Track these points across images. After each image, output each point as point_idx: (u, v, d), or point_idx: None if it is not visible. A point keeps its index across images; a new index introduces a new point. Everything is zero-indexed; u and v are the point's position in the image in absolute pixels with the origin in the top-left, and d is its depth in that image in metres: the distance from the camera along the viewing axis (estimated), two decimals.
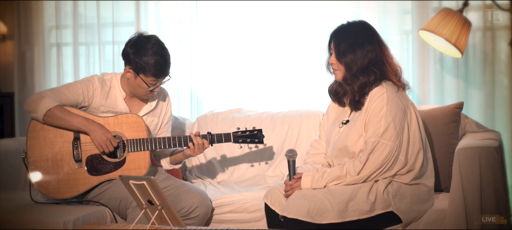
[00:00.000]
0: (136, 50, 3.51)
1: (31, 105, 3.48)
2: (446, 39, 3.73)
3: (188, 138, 3.60)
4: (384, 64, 3.20)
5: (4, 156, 4.02)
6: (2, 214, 3.37)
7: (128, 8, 5.19)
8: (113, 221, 3.47)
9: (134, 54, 3.51)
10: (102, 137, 3.46)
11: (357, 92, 3.19)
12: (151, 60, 3.47)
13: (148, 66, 3.48)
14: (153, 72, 3.49)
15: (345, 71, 3.20)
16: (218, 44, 4.98)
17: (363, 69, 3.16)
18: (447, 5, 4.25)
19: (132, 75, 3.54)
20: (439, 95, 4.51)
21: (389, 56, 3.25)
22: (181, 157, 3.69)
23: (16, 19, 5.40)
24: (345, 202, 2.99)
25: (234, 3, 4.89)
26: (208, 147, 3.62)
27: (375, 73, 3.16)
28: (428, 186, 3.19)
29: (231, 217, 3.67)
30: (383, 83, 3.16)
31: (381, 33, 4.50)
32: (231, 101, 4.88)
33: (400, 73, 3.25)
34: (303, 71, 4.76)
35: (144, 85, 3.53)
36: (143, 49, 3.50)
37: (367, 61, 3.16)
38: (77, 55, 5.28)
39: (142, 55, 3.48)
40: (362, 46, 3.17)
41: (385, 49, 3.24)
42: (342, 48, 3.19)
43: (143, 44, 3.51)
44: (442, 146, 3.63)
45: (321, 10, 4.74)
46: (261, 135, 3.73)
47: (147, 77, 3.51)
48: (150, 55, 3.48)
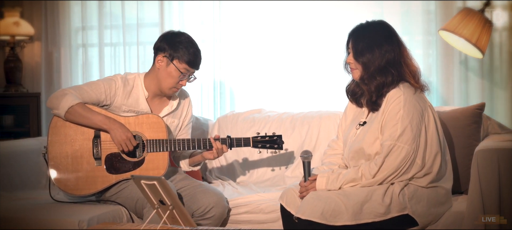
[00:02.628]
0: (172, 39, 3.58)
1: (53, 101, 3.52)
2: (466, 39, 3.68)
3: (207, 141, 3.60)
4: (402, 65, 3.15)
5: (27, 155, 4.07)
6: (19, 212, 3.41)
7: (152, 7, 5.23)
8: (130, 221, 3.49)
9: (169, 42, 3.57)
10: (122, 136, 3.48)
11: (374, 93, 3.16)
12: (188, 47, 3.56)
13: (184, 52, 3.54)
14: (188, 59, 3.54)
15: (363, 70, 3.17)
16: (240, 45, 5.00)
17: (381, 69, 3.12)
18: (471, 5, 4.19)
19: (164, 64, 3.57)
20: (463, 96, 4.45)
21: (408, 57, 3.20)
22: (200, 159, 3.71)
23: (43, 21, 5.49)
24: (360, 204, 2.96)
25: (256, 3, 4.89)
26: (227, 151, 3.62)
27: (393, 74, 3.11)
28: (445, 189, 3.14)
29: (247, 218, 3.66)
30: (400, 85, 3.11)
31: (405, 33, 4.55)
32: (252, 102, 4.89)
33: (418, 74, 3.19)
34: (324, 71, 4.74)
35: (175, 74, 3.55)
36: (179, 38, 3.58)
37: (385, 61, 3.12)
38: (102, 56, 5.35)
39: (178, 43, 3.56)
40: (380, 46, 3.13)
41: (403, 49, 3.20)
42: (360, 47, 3.16)
43: (178, 35, 3.61)
44: (463, 148, 3.57)
45: (343, 10, 4.73)
46: (280, 141, 3.71)
47: (181, 64, 3.54)
48: (186, 43, 3.57)
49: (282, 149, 3.73)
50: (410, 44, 4.60)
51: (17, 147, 4.19)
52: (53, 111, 3.54)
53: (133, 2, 5.24)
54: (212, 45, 5.03)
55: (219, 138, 3.61)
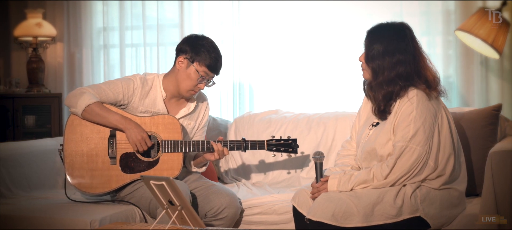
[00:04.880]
0: (195, 42, 3.61)
1: (71, 100, 3.56)
2: (482, 39, 3.63)
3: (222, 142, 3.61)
4: (414, 77, 3.07)
5: (45, 155, 4.12)
6: (33, 212, 3.45)
7: (172, 8, 5.26)
8: (143, 221, 3.51)
9: (192, 45, 3.60)
10: (138, 136, 3.50)
11: (382, 102, 3.12)
12: (209, 51, 3.58)
13: (205, 55, 3.56)
14: (209, 63, 3.56)
15: (371, 75, 3.13)
16: (259, 46, 5.01)
17: (390, 80, 3.06)
18: (491, 5, 4.14)
19: (185, 65, 3.58)
20: (483, 97, 4.39)
21: (424, 66, 3.10)
22: (202, 161, 3.71)
23: (66, 22, 5.56)
24: (371, 206, 2.94)
25: (274, 4, 4.89)
26: (227, 154, 3.62)
27: (401, 85, 3.06)
28: (459, 191, 3.10)
29: (260, 219, 3.66)
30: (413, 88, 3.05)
31: (424, 33, 4.51)
32: (270, 102, 4.89)
33: (436, 83, 3.10)
34: (341, 72, 4.73)
35: (194, 76, 3.57)
36: (201, 42, 3.61)
37: (394, 73, 3.06)
38: (123, 57, 5.40)
39: (200, 46, 3.58)
40: (392, 55, 3.06)
41: (419, 59, 3.10)
42: (372, 52, 3.10)
43: (201, 39, 3.63)
44: (479, 149, 3.52)
45: (362, 10, 4.70)
46: (295, 145, 3.70)
47: (201, 67, 3.56)
48: (208, 47, 3.59)
49: (296, 153, 3.72)
50: (429, 44, 4.58)
51: (35, 147, 4.24)
52: (70, 109, 3.58)
53: (153, 2, 5.27)
54: (231, 46, 5.05)
55: (222, 141, 3.60)
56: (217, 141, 3.59)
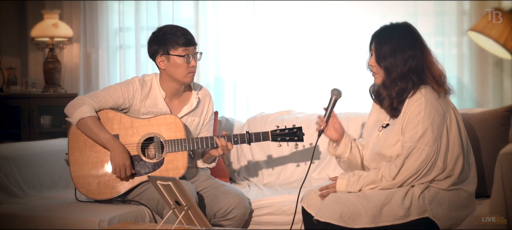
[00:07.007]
0: (158, 37, 3.61)
1: (69, 109, 3.59)
2: (494, 39, 3.60)
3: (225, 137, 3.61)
4: (425, 70, 3.08)
5: (58, 155, 4.12)
6: (43, 211, 3.48)
7: (187, 9, 5.27)
8: (152, 221, 3.52)
9: (157, 41, 3.59)
10: (120, 162, 3.49)
11: (396, 98, 3.11)
12: (173, 33, 3.57)
13: (173, 38, 3.55)
14: (181, 41, 3.55)
15: (385, 75, 3.12)
16: (273, 46, 5.02)
17: (403, 75, 3.06)
18: (506, 5, 4.09)
19: (165, 60, 3.58)
20: (497, 98, 4.36)
21: (431, 62, 3.12)
22: (209, 157, 3.71)
23: (82, 23, 5.60)
24: (379, 206, 2.93)
25: (288, 4, 4.89)
26: (232, 148, 3.61)
27: (413, 80, 3.06)
28: (468, 192, 3.07)
29: (269, 219, 3.66)
30: (422, 89, 3.05)
31: (438, 34, 4.48)
32: (284, 103, 4.88)
33: (443, 78, 3.10)
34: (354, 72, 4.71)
35: (179, 61, 3.55)
36: (161, 32, 3.61)
37: (407, 67, 3.06)
38: (139, 57, 5.42)
39: (164, 36, 3.58)
40: (403, 52, 3.07)
41: (427, 54, 3.12)
42: (382, 52, 3.11)
43: (159, 31, 3.63)
44: (490, 151, 3.48)
45: (377, 10, 4.68)
46: (301, 133, 3.69)
47: (177, 50, 3.55)
48: (170, 30, 3.59)
49: (302, 141, 3.70)
50: (443, 44, 4.55)
51: (48, 147, 4.28)
52: (67, 118, 3.60)
53: (169, 2, 5.28)
54: (246, 47, 5.06)
55: (225, 136, 3.59)
56: (221, 136, 3.59)
